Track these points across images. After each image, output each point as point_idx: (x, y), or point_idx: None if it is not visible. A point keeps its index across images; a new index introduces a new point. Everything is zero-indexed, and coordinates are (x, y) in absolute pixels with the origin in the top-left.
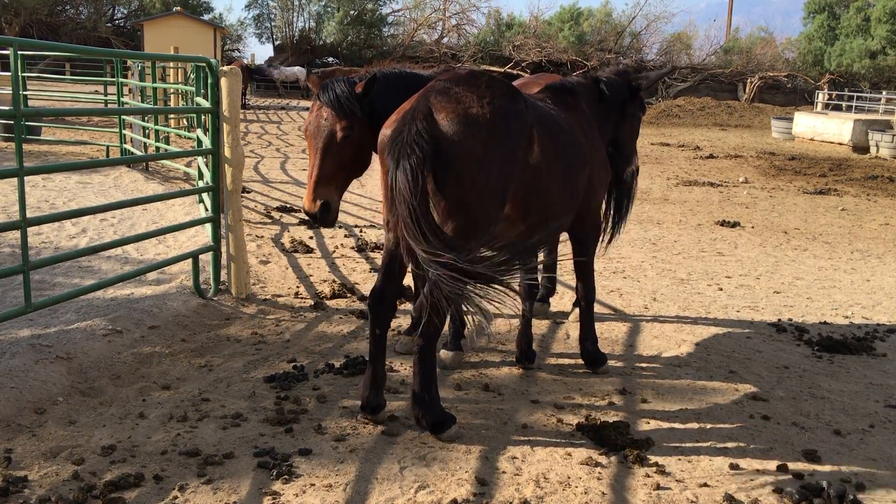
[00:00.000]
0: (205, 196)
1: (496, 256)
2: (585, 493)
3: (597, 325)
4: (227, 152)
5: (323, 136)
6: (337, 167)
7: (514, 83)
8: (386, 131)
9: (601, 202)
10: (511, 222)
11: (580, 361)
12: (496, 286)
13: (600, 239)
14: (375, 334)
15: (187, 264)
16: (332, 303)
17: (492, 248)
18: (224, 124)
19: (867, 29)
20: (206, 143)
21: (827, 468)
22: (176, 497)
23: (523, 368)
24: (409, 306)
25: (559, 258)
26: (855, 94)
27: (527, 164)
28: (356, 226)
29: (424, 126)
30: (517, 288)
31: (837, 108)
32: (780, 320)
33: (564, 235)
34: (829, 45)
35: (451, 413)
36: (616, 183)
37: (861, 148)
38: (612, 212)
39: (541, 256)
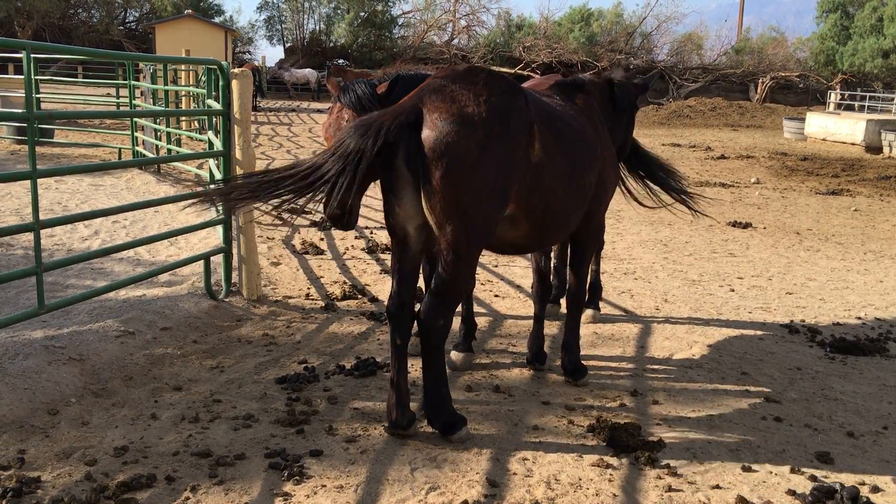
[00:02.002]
0: None
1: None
2: (597, 494)
3: (608, 326)
4: (238, 154)
5: None
6: None
7: (526, 84)
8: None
9: (608, 203)
10: (515, 222)
11: (591, 362)
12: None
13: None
14: (397, 344)
15: (199, 266)
16: (342, 304)
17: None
18: (235, 126)
19: (880, 28)
20: (218, 145)
21: (840, 470)
22: (188, 498)
23: (534, 370)
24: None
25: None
26: (868, 94)
27: (529, 162)
28: (367, 227)
29: (400, 125)
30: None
31: (850, 108)
32: (792, 321)
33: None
34: (841, 45)
35: (462, 415)
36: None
37: (874, 148)
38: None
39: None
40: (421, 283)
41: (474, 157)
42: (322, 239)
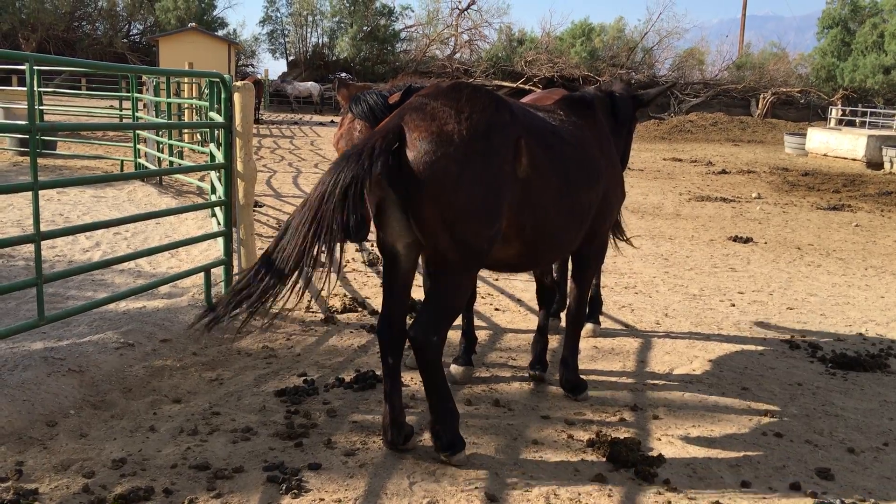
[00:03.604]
0: (217, 210)
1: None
2: None
3: (608, 341)
4: (239, 167)
5: None
6: None
7: (526, 98)
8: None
9: (612, 222)
10: (505, 240)
11: (591, 377)
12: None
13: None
14: (388, 364)
15: (199, 278)
16: (342, 317)
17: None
18: (237, 139)
19: (881, 45)
20: (219, 157)
21: (841, 487)
22: None
23: (534, 372)
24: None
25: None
26: (868, 110)
27: (515, 178)
28: (367, 240)
29: (382, 147)
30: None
31: (851, 123)
32: (793, 337)
33: None
34: (842, 61)
35: (462, 437)
36: None
37: (875, 164)
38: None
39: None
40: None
41: (454, 175)
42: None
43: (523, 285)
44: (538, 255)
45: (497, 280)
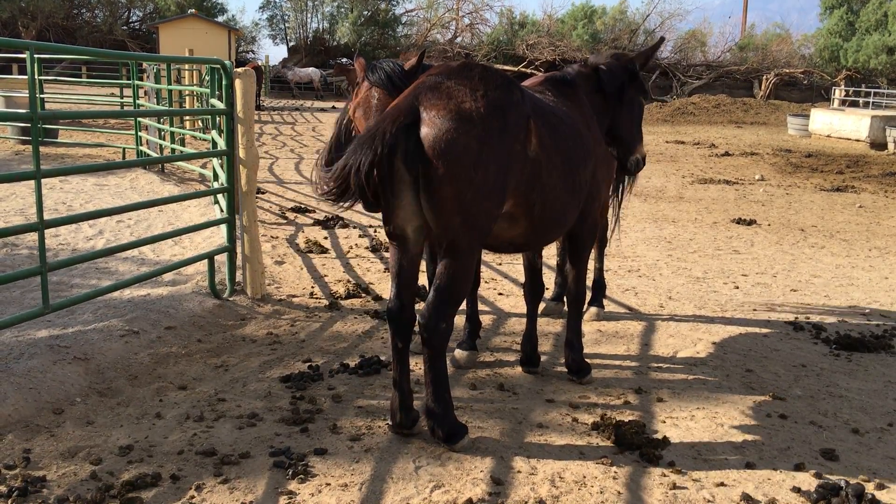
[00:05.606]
0: (220, 197)
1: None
2: (601, 492)
3: (612, 324)
4: (241, 153)
5: (376, 116)
6: None
7: (525, 82)
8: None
9: (603, 200)
10: (513, 219)
11: (596, 360)
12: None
13: (597, 239)
14: (398, 348)
15: (203, 265)
16: (346, 303)
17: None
18: (238, 125)
19: (885, 24)
20: (221, 144)
21: (845, 467)
22: (193, 496)
23: (526, 372)
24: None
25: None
26: (872, 91)
27: (526, 157)
28: (370, 226)
29: (400, 127)
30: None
31: (854, 104)
32: (797, 318)
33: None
34: (846, 41)
35: (462, 423)
36: (621, 172)
37: (878, 144)
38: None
39: (555, 254)
40: (423, 279)
41: (475, 153)
42: (326, 238)
43: None
44: (543, 233)
45: (500, 265)
